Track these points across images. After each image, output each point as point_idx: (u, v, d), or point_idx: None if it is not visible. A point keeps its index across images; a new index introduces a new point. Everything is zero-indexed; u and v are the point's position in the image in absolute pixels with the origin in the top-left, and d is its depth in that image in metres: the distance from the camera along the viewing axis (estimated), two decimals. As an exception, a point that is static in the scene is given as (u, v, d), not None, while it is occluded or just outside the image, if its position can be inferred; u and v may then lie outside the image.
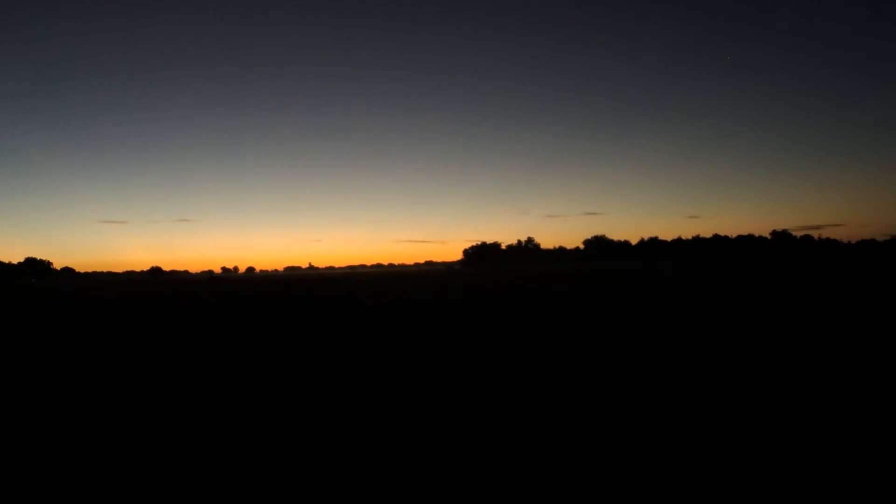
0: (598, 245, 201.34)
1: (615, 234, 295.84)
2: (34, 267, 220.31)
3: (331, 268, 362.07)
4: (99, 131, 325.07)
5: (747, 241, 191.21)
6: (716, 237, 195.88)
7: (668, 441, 6.11)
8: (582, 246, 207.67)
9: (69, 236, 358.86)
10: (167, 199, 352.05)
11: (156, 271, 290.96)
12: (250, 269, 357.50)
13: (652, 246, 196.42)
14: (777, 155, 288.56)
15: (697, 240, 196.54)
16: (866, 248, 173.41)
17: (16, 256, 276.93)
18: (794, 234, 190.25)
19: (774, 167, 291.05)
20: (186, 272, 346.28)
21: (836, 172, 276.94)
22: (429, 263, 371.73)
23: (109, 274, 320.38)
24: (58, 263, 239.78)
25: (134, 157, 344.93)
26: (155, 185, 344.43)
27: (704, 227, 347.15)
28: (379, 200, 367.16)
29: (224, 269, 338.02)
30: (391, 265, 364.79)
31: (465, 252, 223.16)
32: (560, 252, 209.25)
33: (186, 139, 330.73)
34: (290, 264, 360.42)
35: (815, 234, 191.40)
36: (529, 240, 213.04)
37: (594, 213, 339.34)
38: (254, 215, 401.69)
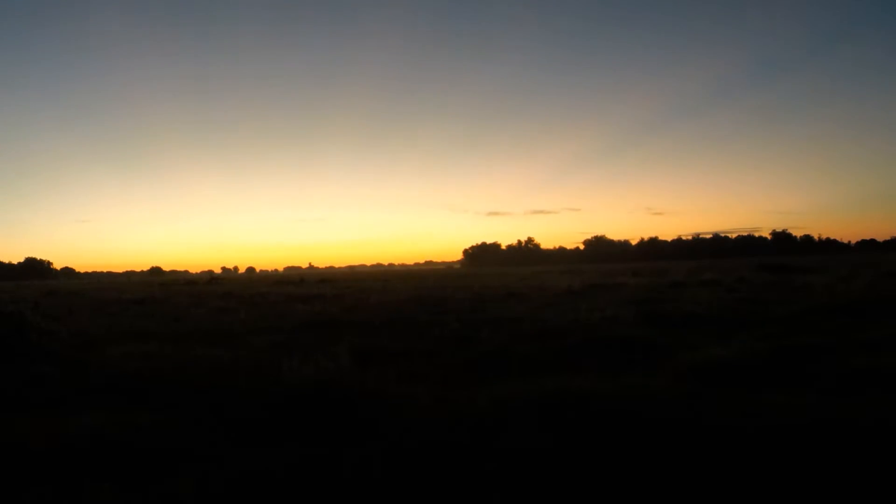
0: (597, 245, 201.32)
1: (568, 231, 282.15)
2: (35, 267, 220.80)
3: (330, 267, 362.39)
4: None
5: (747, 240, 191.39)
6: (716, 236, 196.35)
7: None
8: (582, 246, 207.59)
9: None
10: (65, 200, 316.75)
11: (156, 271, 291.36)
12: (250, 270, 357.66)
13: (653, 245, 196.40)
14: (734, 152, 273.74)
15: (697, 239, 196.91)
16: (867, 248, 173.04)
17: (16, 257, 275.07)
18: (794, 233, 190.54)
19: (734, 164, 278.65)
20: (187, 272, 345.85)
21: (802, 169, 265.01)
22: (429, 263, 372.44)
23: (109, 274, 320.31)
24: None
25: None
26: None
27: (667, 224, 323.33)
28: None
29: (224, 268, 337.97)
30: (391, 265, 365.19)
31: (465, 252, 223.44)
32: (560, 252, 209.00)
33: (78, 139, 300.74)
34: (290, 264, 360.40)
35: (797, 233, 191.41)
36: (529, 240, 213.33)
37: (541, 212, 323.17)
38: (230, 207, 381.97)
